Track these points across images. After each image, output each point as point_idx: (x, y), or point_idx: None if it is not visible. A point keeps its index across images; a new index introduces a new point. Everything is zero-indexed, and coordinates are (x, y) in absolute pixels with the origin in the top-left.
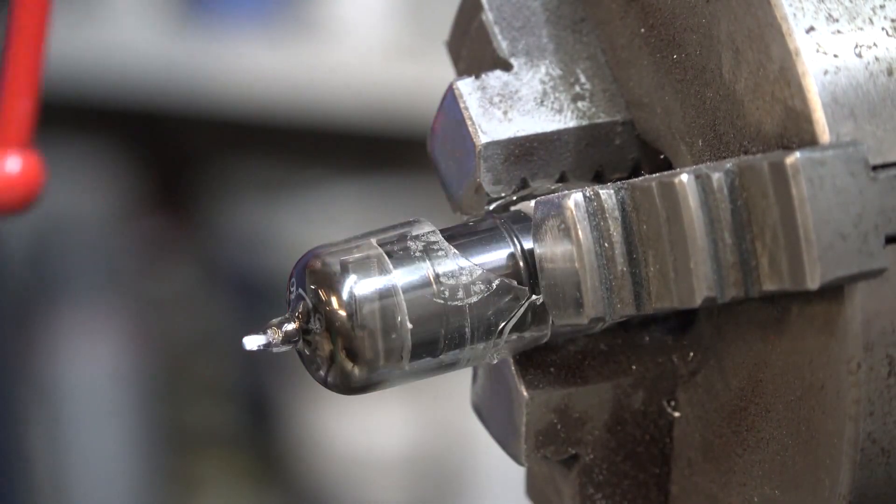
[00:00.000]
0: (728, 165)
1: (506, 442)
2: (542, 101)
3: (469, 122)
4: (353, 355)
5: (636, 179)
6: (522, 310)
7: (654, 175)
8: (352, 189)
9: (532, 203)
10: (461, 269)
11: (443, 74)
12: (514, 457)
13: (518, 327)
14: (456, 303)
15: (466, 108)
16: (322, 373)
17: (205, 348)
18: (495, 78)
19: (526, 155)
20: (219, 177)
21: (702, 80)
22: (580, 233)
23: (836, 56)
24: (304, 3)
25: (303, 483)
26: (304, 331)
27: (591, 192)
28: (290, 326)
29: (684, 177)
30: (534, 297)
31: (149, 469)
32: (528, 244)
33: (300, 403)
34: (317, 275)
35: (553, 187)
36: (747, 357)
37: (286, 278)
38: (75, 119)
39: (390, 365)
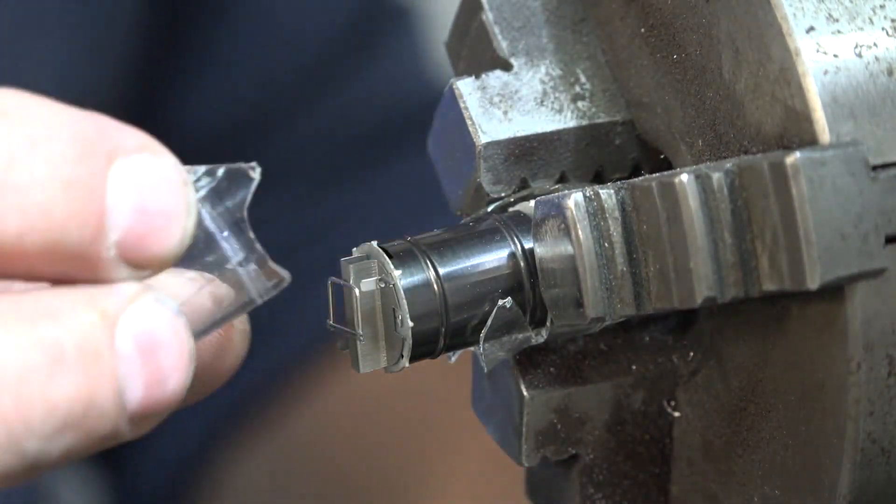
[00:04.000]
0: (728, 165)
1: (506, 442)
2: (542, 101)
3: (469, 122)
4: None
5: (636, 179)
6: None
7: (654, 175)
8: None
9: (532, 203)
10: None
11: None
12: (514, 457)
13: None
14: (457, 300)
15: (466, 108)
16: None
17: None
18: (495, 78)
19: (526, 155)
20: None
21: (702, 80)
22: (580, 233)
23: (836, 56)
24: None
25: None
26: None
27: (591, 192)
28: None
29: (684, 177)
30: (533, 296)
31: None
32: (528, 244)
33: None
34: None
35: (553, 187)
36: (747, 357)
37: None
38: None
39: (391, 363)
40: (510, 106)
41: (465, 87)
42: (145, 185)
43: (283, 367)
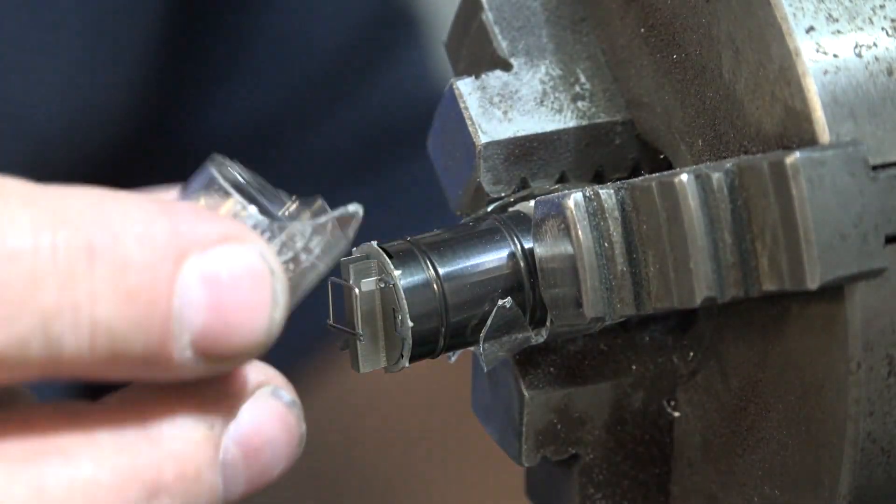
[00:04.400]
0: (728, 165)
1: (506, 442)
2: (542, 101)
3: (469, 122)
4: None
5: (636, 179)
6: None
7: (654, 175)
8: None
9: (532, 203)
10: (465, 267)
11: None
12: (514, 457)
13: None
14: (456, 300)
15: (466, 108)
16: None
17: None
18: (495, 78)
19: (526, 155)
20: None
21: (702, 80)
22: (580, 233)
23: (836, 56)
24: None
25: None
26: None
27: (591, 192)
28: None
29: (684, 177)
30: (533, 296)
31: None
32: (528, 244)
33: None
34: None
35: (553, 187)
36: (747, 357)
37: None
38: None
39: (391, 363)
40: (510, 106)
41: (465, 87)
42: (221, 279)
43: (281, 367)
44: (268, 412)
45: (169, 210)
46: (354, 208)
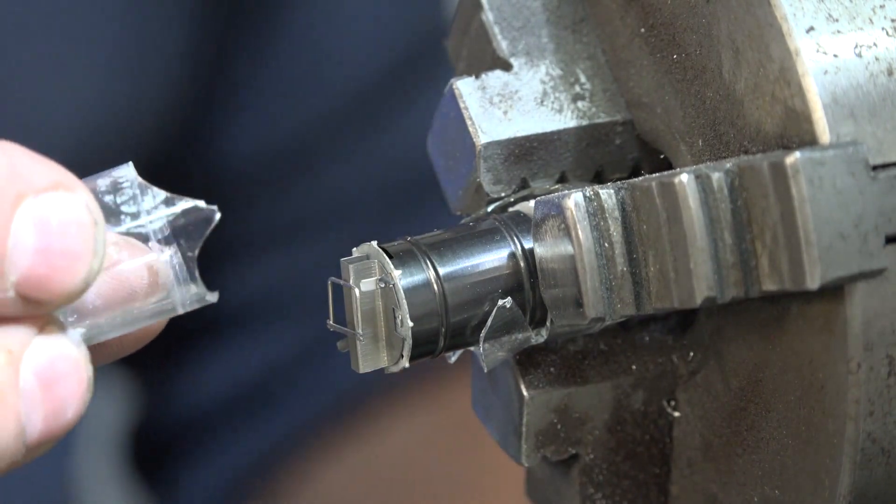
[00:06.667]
0: (728, 165)
1: (506, 442)
2: (542, 101)
3: (469, 122)
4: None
5: (636, 179)
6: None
7: (654, 175)
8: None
9: (532, 203)
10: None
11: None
12: (514, 457)
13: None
14: (457, 300)
15: (466, 108)
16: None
17: None
18: (495, 78)
19: (526, 155)
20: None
21: (702, 80)
22: (580, 233)
23: (836, 56)
24: None
25: None
26: None
27: (591, 192)
28: None
29: (684, 177)
30: (533, 296)
31: None
32: (528, 244)
33: None
34: None
35: (553, 187)
36: (747, 357)
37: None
38: None
39: (392, 363)
40: (510, 106)
41: (465, 87)
42: (51, 225)
43: (310, 426)
44: (60, 348)
45: (6, 149)
46: (212, 208)
